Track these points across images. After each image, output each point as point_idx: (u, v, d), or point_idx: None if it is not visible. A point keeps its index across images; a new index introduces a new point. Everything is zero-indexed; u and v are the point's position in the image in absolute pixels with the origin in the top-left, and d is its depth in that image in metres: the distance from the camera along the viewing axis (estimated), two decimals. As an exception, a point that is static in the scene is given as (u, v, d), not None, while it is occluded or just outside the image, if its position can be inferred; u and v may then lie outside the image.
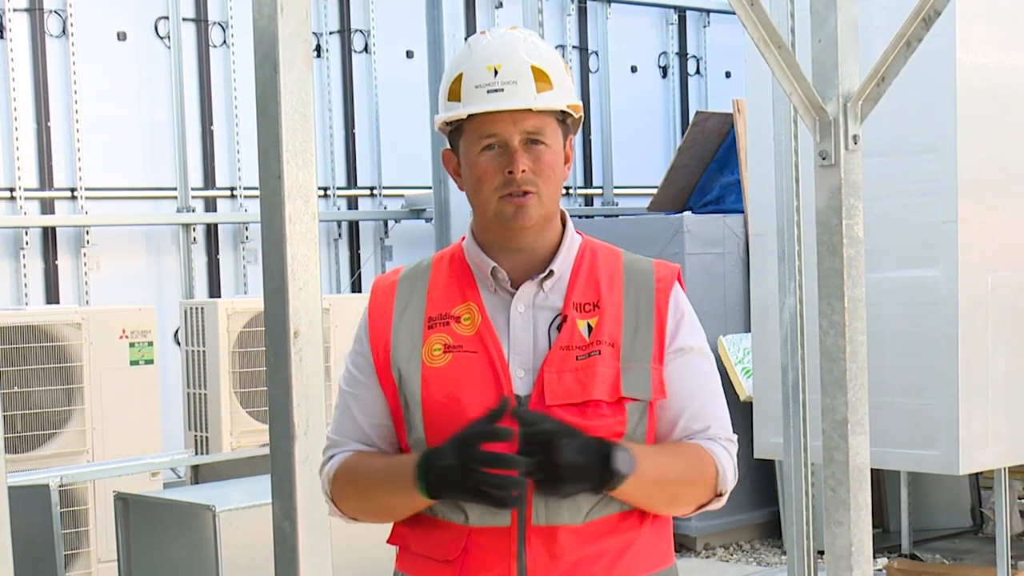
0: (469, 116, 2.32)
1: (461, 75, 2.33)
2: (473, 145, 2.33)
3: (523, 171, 2.29)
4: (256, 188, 1.79)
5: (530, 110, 2.30)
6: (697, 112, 8.97)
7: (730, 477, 2.39)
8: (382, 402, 2.38)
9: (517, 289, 2.36)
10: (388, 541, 2.44)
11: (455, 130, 2.37)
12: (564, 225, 2.42)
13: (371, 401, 2.39)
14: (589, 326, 2.34)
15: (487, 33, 2.40)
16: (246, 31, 8.40)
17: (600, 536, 2.30)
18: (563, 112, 2.36)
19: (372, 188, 9.56)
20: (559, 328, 2.33)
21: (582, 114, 2.41)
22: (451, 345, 2.33)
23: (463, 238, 2.45)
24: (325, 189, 9.29)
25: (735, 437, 2.44)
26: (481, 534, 2.28)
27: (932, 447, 5.45)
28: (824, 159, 2.37)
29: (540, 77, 2.32)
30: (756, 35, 2.30)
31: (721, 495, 2.40)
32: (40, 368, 6.04)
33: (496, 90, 2.30)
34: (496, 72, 2.30)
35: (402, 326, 2.37)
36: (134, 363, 6.34)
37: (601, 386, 2.30)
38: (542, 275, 2.36)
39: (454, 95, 2.34)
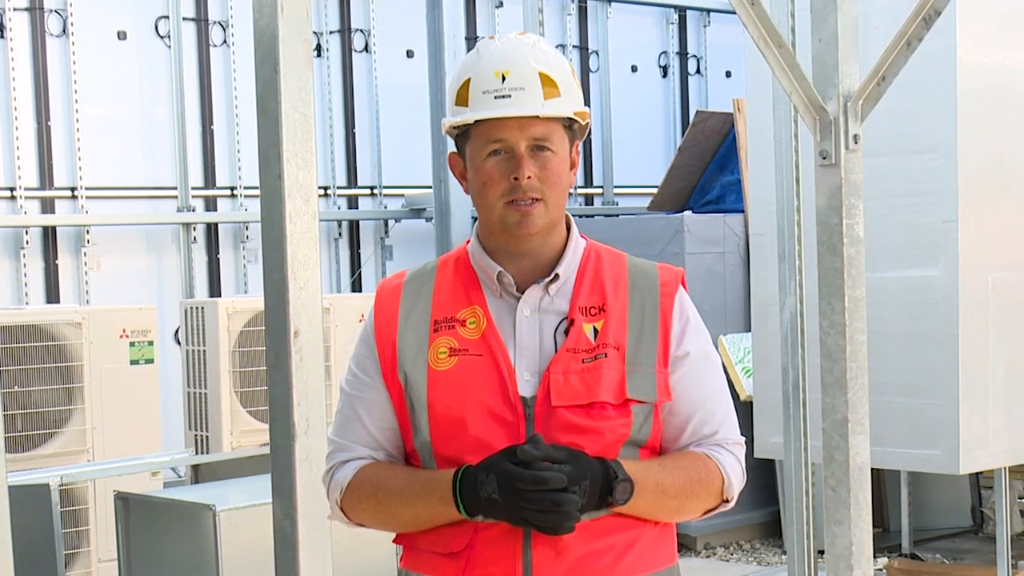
0: (476, 121, 2.32)
1: (469, 80, 2.34)
2: (480, 150, 2.33)
3: (529, 177, 2.30)
4: (256, 187, 1.79)
5: (537, 117, 2.30)
6: (697, 111, 8.96)
7: (736, 483, 2.42)
8: (388, 404, 2.39)
9: (523, 293, 2.37)
10: (394, 541, 2.45)
11: (462, 134, 2.37)
12: (568, 229, 2.43)
13: (378, 404, 2.39)
14: (595, 329, 2.35)
15: (496, 38, 2.40)
16: (246, 30, 8.40)
17: (605, 533, 2.31)
18: (570, 119, 2.36)
19: (372, 188, 9.56)
20: (566, 332, 2.34)
21: (589, 120, 2.42)
22: (457, 348, 2.34)
23: (467, 241, 2.46)
24: (325, 188, 9.28)
25: (743, 440, 2.46)
26: (487, 529, 2.29)
27: (932, 447, 5.44)
28: (824, 159, 2.37)
29: (548, 84, 2.32)
30: (756, 35, 2.30)
31: (728, 501, 2.43)
32: (40, 367, 6.04)
33: (504, 96, 2.30)
34: (504, 78, 2.31)
35: (407, 329, 2.38)
36: (134, 362, 6.34)
37: (607, 388, 2.31)
38: (548, 279, 2.37)
39: (462, 100, 2.34)
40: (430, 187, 7.48)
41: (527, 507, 2.19)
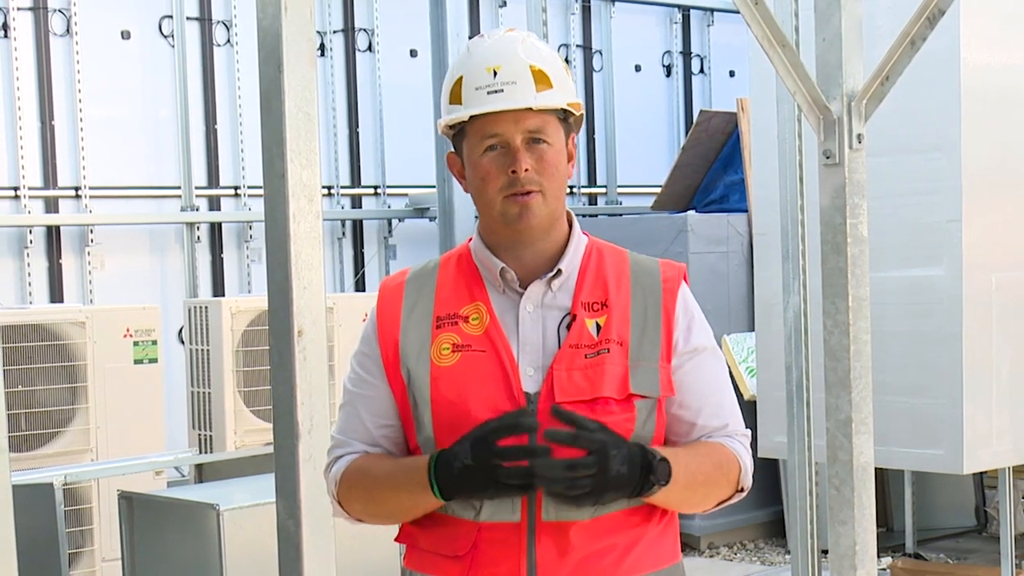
0: (471, 118, 2.34)
1: (461, 78, 2.36)
2: (476, 147, 2.35)
3: (526, 170, 2.31)
4: (260, 187, 1.80)
5: (530, 109, 2.32)
6: (701, 111, 8.96)
7: (750, 472, 2.45)
8: (389, 402, 2.39)
9: (525, 289, 2.38)
10: (396, 539, 2.46)
11: (458, 133, 2.39)
12: (570, 225, 2.44)
13: (378, 401, 2.40)
14: (597, 325, 2.36)
15: (486, 36, 2.42)
16: (250, 30, 8.40)
17: (609, 532, 2.31)
18: (564, 110, 2.38)
19: (376, 187, 9.56)
20: (568, 327, 2.35)
21: (583, 112, 2.43)
22: (460, 344, 2.35)
23: (470, 239, 2.47)
24: (329, 188, 9.29)
25: (748, 432, 2.48)
26: (491, 530, 2.29)
27: (936, 446, 5.44)
28: (828, 158, 2.36)
29: (539, 77, 2.34)
30: (760, 34, 2.30)
31: (742, 491, 2.45)
32: (44, 367, 6.04)
33: (496, 91, 2.32)
34: (495, 73, 2.33)
35: (410, 326, 2.39)
36: (138, 362, 6.34)
37: (610, 383, 2.31)
38: (550, 274, 2.38)
39: (455, 98, 2.36)
40: (434, 186, 7.46)
41: (500, 466, 2.16)
